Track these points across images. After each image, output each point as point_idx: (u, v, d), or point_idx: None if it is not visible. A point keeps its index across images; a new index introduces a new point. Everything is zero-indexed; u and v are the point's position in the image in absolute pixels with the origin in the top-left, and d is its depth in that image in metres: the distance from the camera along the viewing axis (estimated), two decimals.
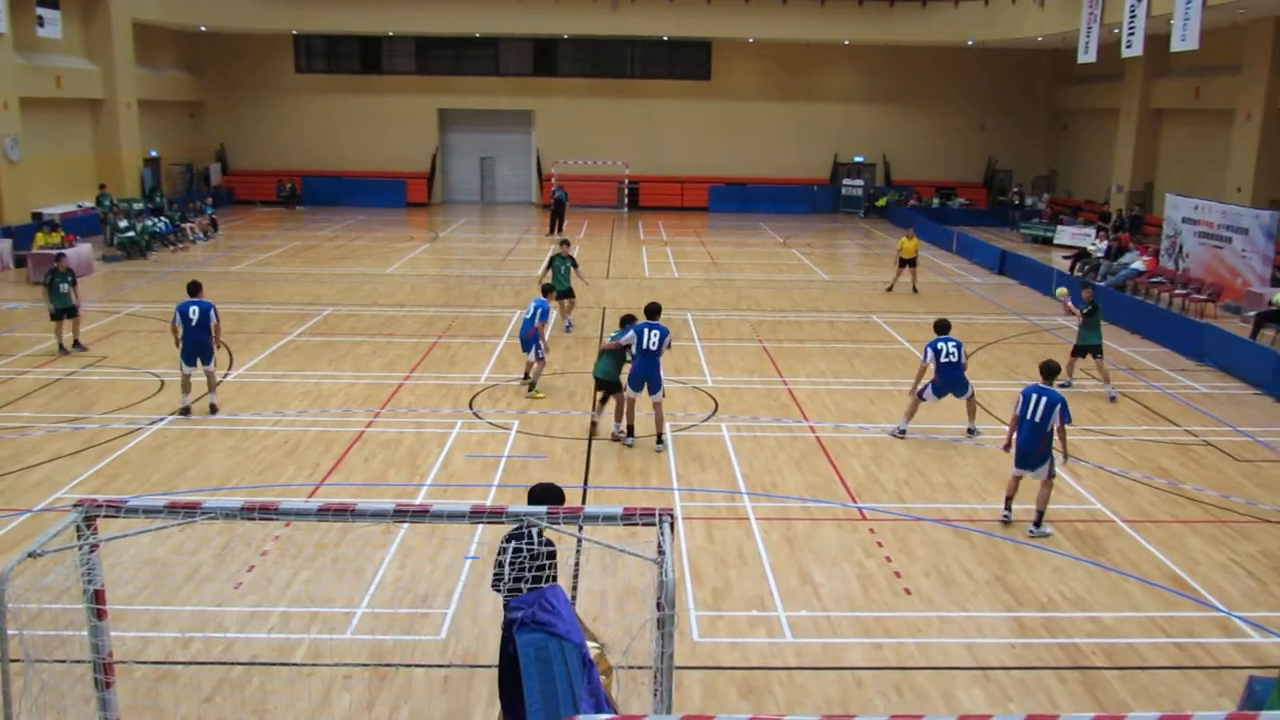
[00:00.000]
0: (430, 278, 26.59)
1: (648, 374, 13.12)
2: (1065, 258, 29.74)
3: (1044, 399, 10.79)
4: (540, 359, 15.53)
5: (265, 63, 43.68)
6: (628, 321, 13.61)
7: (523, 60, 44.31)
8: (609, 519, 5.70)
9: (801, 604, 9.27)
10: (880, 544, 10.58)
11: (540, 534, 6.35)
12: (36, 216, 29.38)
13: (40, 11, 29.88)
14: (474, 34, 41.87)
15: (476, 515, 5.85)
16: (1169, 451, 13.66)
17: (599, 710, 5.12)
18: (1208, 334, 18.91)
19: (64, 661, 6.05)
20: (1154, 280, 25.19)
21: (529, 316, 15.41)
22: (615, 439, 13.44)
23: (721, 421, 14.62)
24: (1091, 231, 32.20)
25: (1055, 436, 10.81)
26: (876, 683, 8.02)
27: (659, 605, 5.32)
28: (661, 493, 11.90)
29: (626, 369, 13.38)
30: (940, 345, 13.76)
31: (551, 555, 6.27)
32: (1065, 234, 33.97)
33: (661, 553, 5.41)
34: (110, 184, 33.62)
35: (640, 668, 6.41)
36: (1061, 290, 17.15)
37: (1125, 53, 26.69)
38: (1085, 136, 41.11)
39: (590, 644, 5.89)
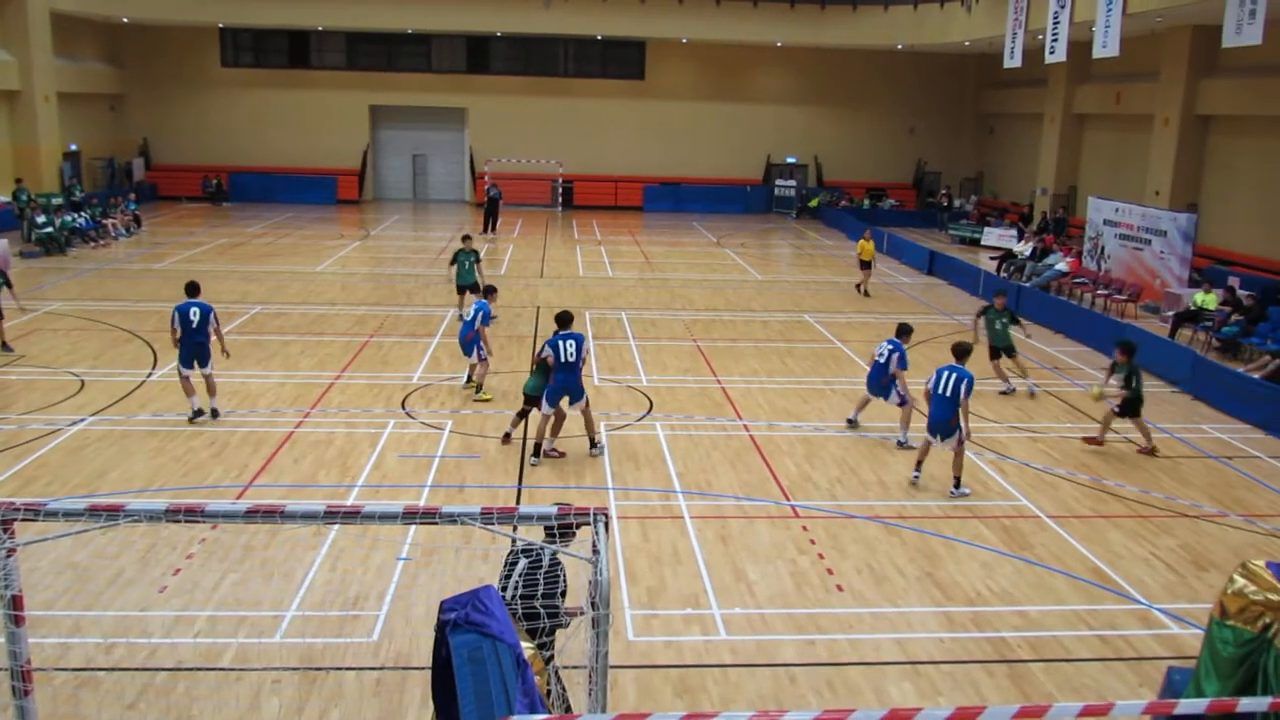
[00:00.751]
0: (362, 276, 26.27)
1: (568, 386, 12.64)
2: (992, 258, 30.33)
3: (954, 375, 12.01)
4: (483, 359, 15.34)
5: (190, 56, 42.74)
6: (563, 321, 13.14)
7: (456, 57, 43.95)
8: (543, 518, 5.68)
9: (735, 601, 9.33)
10: (813, 541, 10.69)
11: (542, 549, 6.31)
12: None
13: None
14: (406, 30, 41.41)
15: (409, 516, 5.79)
16: (1091, 448, 14.00)
17: (533, 711, 5.08)
18: (1128, 333, 19.40)
19: None
20: (1077, 281, 25.80)
21: (469, 319, 15.24)
22: (549, 455, 13.03)
23: (656, 420, 14.65)
24: (1015, 233, 32.89)
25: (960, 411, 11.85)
26: (809, 679, 8.10)
27: (594, 604, 5.32)
28: (596, 492, 11.89)
29: None
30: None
31: (548, 568, 6.33)
32: (992, 235, 34.63)
33: (596, 552, 5.41)
34: (28, 178, 32.62)
35: (575, 667, 6.40)
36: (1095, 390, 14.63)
37: (1049, 58, 27.31)
38: (1011, 140, 42.00)
39: (524, 645, 5.86)
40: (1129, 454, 13.88)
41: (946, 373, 12.11)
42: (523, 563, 6.45)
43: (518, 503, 11.45)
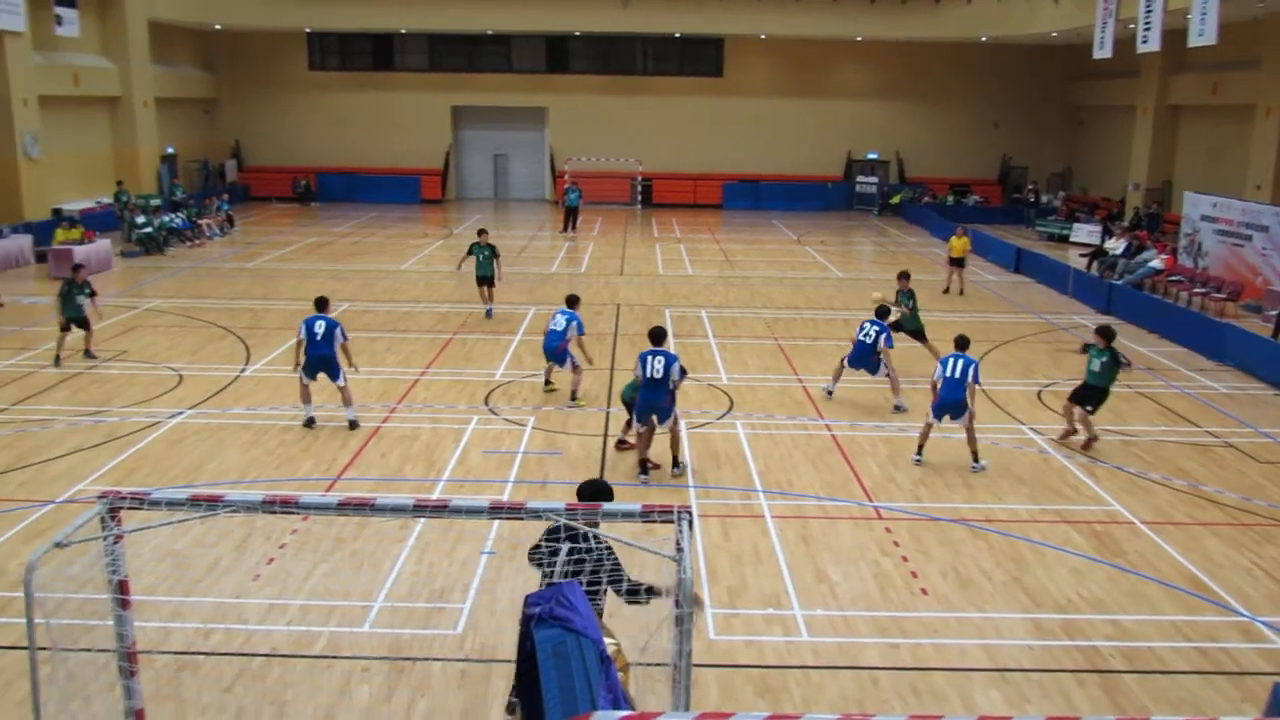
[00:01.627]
0: (445, 274, 26.63)
1: (654, 405, 12.06)
2: (1081, 256, 29.61)
3: (960, 360, 12.71)
4: (577, 369, 14.98)
5: (279, 60, 43.80)
6: (655, 338, 12.45)
7: (535, 57, 44.34)
8: (627, 516, 5.71)
9: (817, 603, 9.27)
10: (896, 543, 10.57)
11: (589, 535, 6.45)
12: (56, 213, 29.57)
13: (58, 10, 30.03)
14: (486, 31, 41.89)
15: (495, 511, 5.88)
16: (1188, 452, 13.60)
17: (616, 707, 5.11)
18: (1228, 333, 18.80)
19: (89, 650, 6.10)
20: (1172, 279, 25.07)
21: (560, 330, 14.75)
22: (622, 446, 13.02)
23: (736, 419, 14.62)
24: (1100, 229, 32.07)
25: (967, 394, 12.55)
26: (893, 683, 8.02)
27: (677, 603, 5.33)
28: (677, 490, 11.91)
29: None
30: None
31: (600, 558, 6.49)
32: (1081, 231, 33.83)
33: (680, 550, 5.42)
34: (128, 180, 33.81)
35: (657, 665, 6.42)
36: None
37: (1141, 48, 26.55)
38: (1101, 133, 40.94)
39: (607, 641, 5.90)
40: (1229, 458, 13.44)
41: (953, 360, 12.76)
42: (565, 547, 6.51)
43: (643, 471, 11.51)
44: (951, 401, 12.67)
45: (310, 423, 13.87)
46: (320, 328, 13.70)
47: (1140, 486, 12.34)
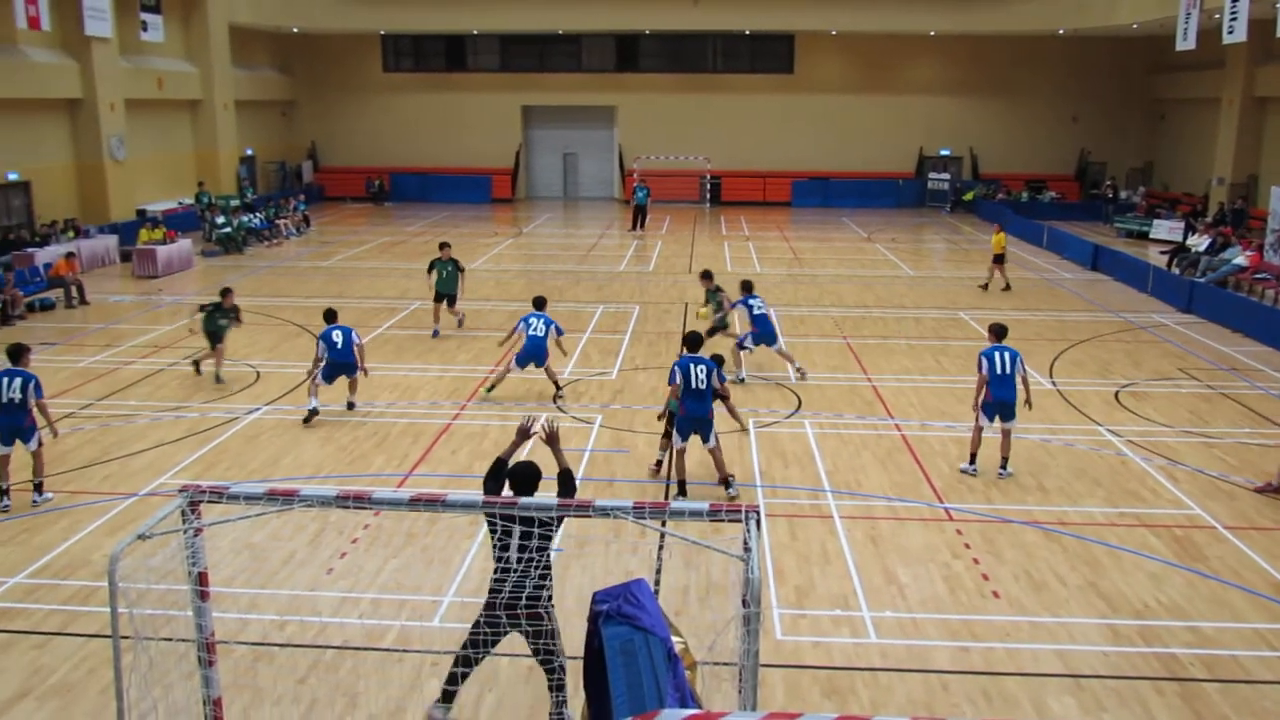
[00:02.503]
0: (514, 273, 26.87)
1: (699, 419, 11.30)
2: (1162, 253, 28.89)
3: (1007, 354, 12.07)
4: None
5: (354, 62, 44.56)
6: (693, 344, 12.06)
7: (605, 56, 44.50)
8: (695, 515, 5.71)
9: (886, 604, 9.18)
10: (967, 545, 10.42)
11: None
12: (140, 213, 30.43)
13: (143, 16, 30.92)
14: (557, 31, 42.15)
15: (563, 508, 5.93)
16: (1274, 455, 13.17)
17: (684, 705, 5.12)
18: None
19: (169, 640, 6.28)
20: (1258, 276, 24.30)
21: (541, 335, 14.78)
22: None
23: (805, 418, 14.52)
24: (1184, 226, 31.21)
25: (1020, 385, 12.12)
26: (963, 687, 7.91)
27: (744, 602, 5.32)
28: (744, 489, 11.87)
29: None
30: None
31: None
32: (1162, 228, 32.98)
33: (748, 550, 5.40)
34: (208, 181, 34.68)
35: (724, 664, 6.42)
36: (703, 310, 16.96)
37: (1227, 39, 25.81)
38: (1184, 126, 39.83)
39: (675, 639, 5.91)
40: None
41: (999, 354, 12.06)
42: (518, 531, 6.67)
43: (666, 498, 11.53)
44: (1008, 401, 12.08)
45: (313, 414, 14.06)
46: (339, 337, 14.20)
47: (1222, 490, 12.00)
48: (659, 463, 12.36)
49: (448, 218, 38.76)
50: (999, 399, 12.06)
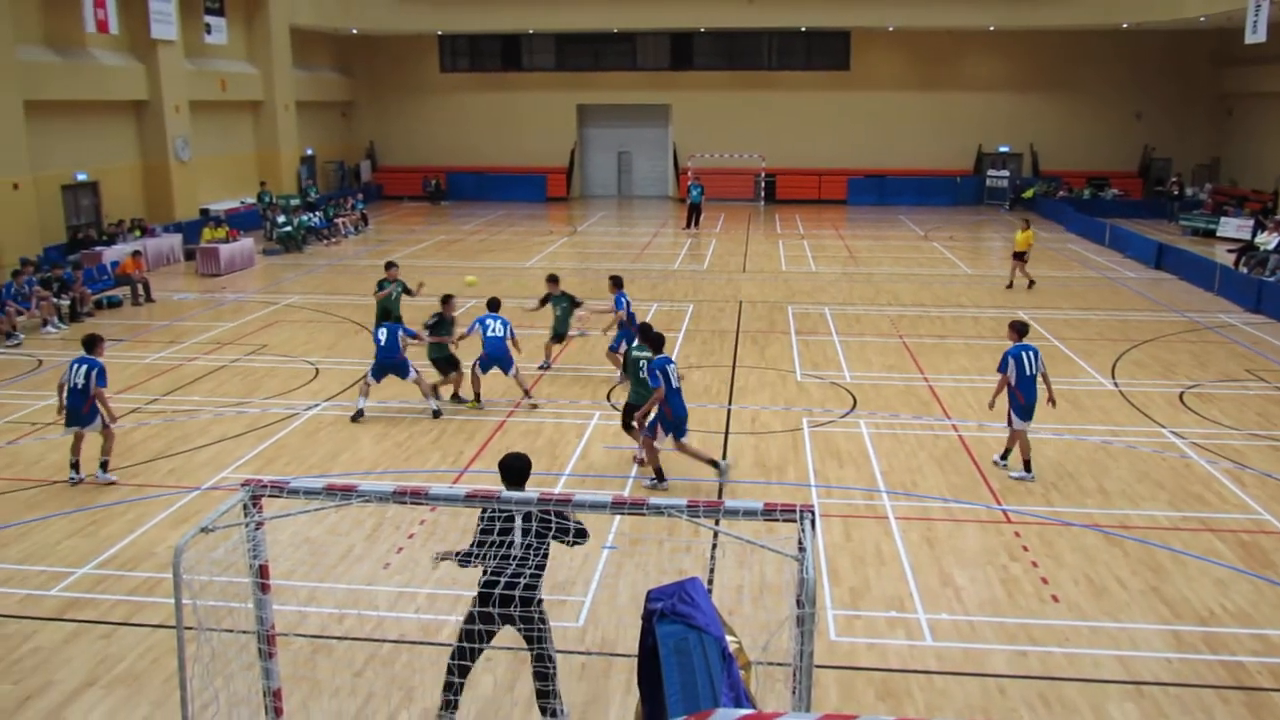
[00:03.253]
0: (569, 271, 26.96)
1: (686, 415, 11.83)
2: (1229, 251, 28.22)
3: (1031, 353, 11.96)
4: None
5: (411, 62, 45.05)
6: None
7: (660, 55, 44.52)
8: (749, 514, 5.68)
9: (942, 606, 9.08)
10: (1026, 548, 10.27)
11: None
12: (204, 213, 31.05)
13: (207, 19, 31.53)
14: (612, 30, 42.24)
15: (617, 506, 5.93)
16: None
17: (738, 705, 5.09)
18: None
19: (231, 631, 6.40)
20: None
21: (500, 335, 14.55)
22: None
23: (860, 418, 14.41)
24: (1253, 224, 30.44)
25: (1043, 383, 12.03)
26: (1021, 691, 7.80)
27: (799, 603, 5.29)
28: (799, 488, 11.82)
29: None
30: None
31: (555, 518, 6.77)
32: (1229, 226, 32.22)
33: (802, 550, 5.37)
34: (269, 181, 35.27)
35: (778, 665, 6.40)
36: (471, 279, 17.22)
37: None
38: (1253, 122, 38.86)
39: (729, 638, 5.89)
40: None
41: (1025, 353, 11.95)
42: (519, 516, 6.76)
43: (720, 497, 11.51)
44: (1035, 403, 11.97)
45: (359, 415, 14.16)
46: (384, 335, 14.32)
47: None
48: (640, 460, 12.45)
49: (504, 216, 39.03)
50: (1031, 401, 11.96)
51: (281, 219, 30.71)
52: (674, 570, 9.34)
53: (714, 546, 9.93)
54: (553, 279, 17.53)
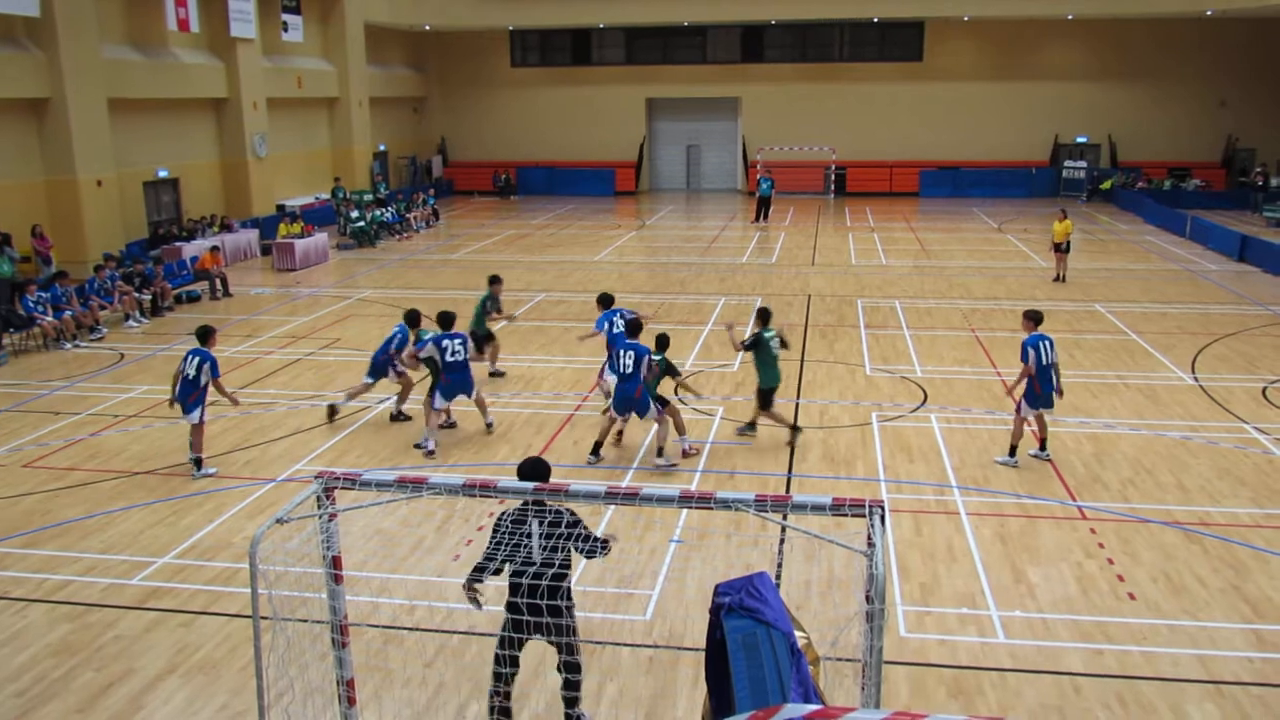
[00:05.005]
0: (637, 265, 27.01)
1: (628, 398, 12.11)
2: None
3: (1048, 342, 11.94)
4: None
5: (483, 58, 45.44)
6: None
7: (730, 48, 44.32)
8: (817, 509, 5.65)
9: (1015, 604, 8.93)
10: (1101, 545, 10.06)
11: (549, 507, 6.75)
12: (280, 208, 31.68)
13: (285, 17, 32.17)
14: (682, 23, 42.16)
15: (684, 500, 5.93)
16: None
17: (807, 700, 5.08)
18: None
19: (305, 621, 6.53)
20: None
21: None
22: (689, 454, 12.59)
23: (931, 413, 14.22)
24: None
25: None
26: (1097, 690, 7.65)
27: (868, 598, 5.25)
28: (868, 484, 11.71)
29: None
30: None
31: (572, 524, 6.72)
32: None
33: (871, 545, 5.32)
34: (344, 177, 35.88)
35: (846, 660, 6.36)
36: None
37: None
38: None
39: (798, 634, 5.87)
40: None
41: (1043, 342, 11.92)
42: (534, 520, 6.70)
43: (788, 491, 11.46)
44: (1053, 390, 11.96)
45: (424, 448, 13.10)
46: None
47: None
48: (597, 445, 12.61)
49: (572, 210, 39.22)
50: (1048, 390, 11.90)
51: (355, 214, 31.22)
52: (741, 564, 9.31)
53: (781, 541, 9.88)
54: (495, 279, 16.63)
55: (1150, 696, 7.56)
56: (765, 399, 12.83)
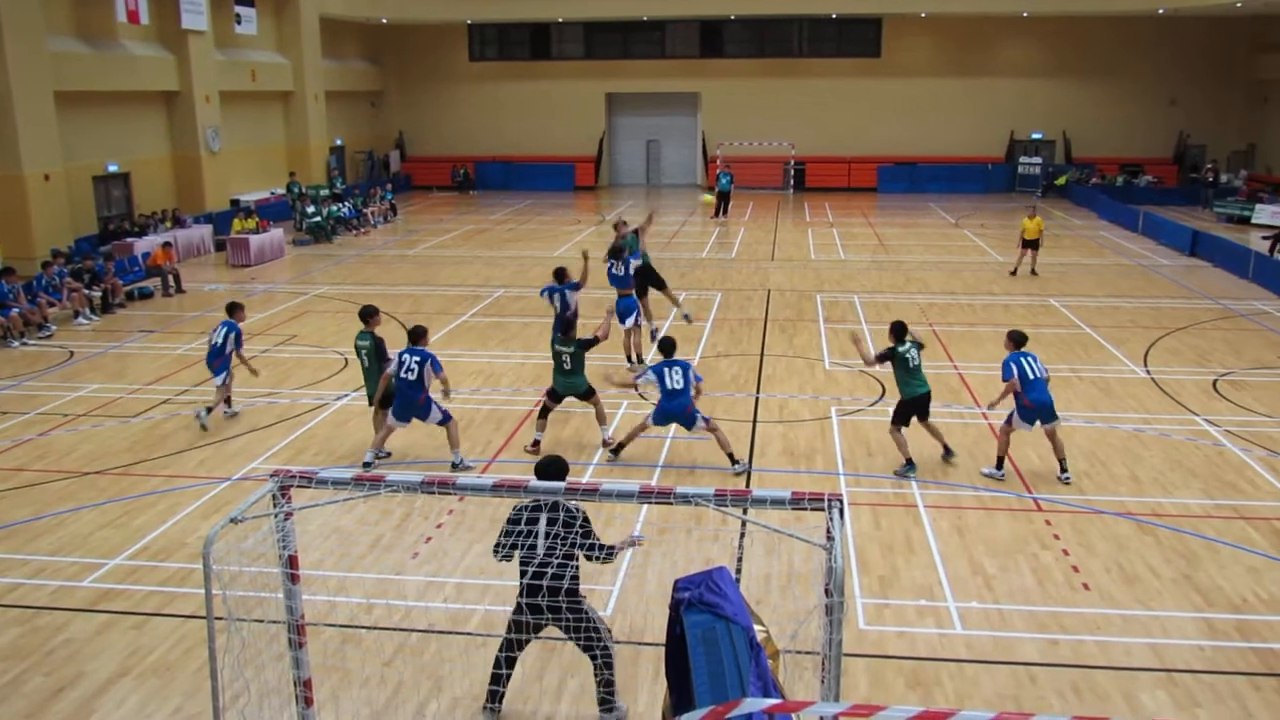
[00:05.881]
0: (597, 260, 26.90)
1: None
2: (1264, 238, 27.78)
3: (1030, 359, 11.65)
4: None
5: (440, 52, 45.12)
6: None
7: (690, 43, 44.34)
8: (777, 503, 5.66)
9: (972, 595, 9.02)
10: (1057, 536, 10.19)
11: (561, 505, 6.86)
12: (234, 203, 31.28)
13: (238, 9, 31.74)
14: (642, 18, 42.13)
15: (644, 496, 5.92)
16: None
17: (766, 694, 5.10)
18: None
19: (261, 621, 6.44)
20: None
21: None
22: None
23: (889, 406, 14.28)
24: None
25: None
26: (1052, 680, 7.74)
27: (827, 591, 5.27)
28: (827, 477, 11.77)
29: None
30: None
31: (583, 521, 6.87)
32: (1265, 213, 31.74)
33: (831, 538, 5.35)
34: (299, 172, 35.47)
35: (806, 653, 6.38)
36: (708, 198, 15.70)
37: None
38: None
39: (757, 628, 5.88)
40: None
41: (1025, 359, 11.64)
42: (545, 518, 6.81)
43: (748, 485, 11.49)
44: (1046, 403, 11.44)
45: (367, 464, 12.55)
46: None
47: None
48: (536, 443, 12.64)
49: (532, 205, 39.08)
50: (1038, 403, 11.45)
51: (311, 209, 30.89)
52: (701, 559, 9.32)
53: (742, 535, 9.90)
54: (619, 224, 17.65)
55: (1104, 685, 7.66)
56: (905, 411, 12.05)
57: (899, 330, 12.07)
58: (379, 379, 12.35)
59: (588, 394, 12.73)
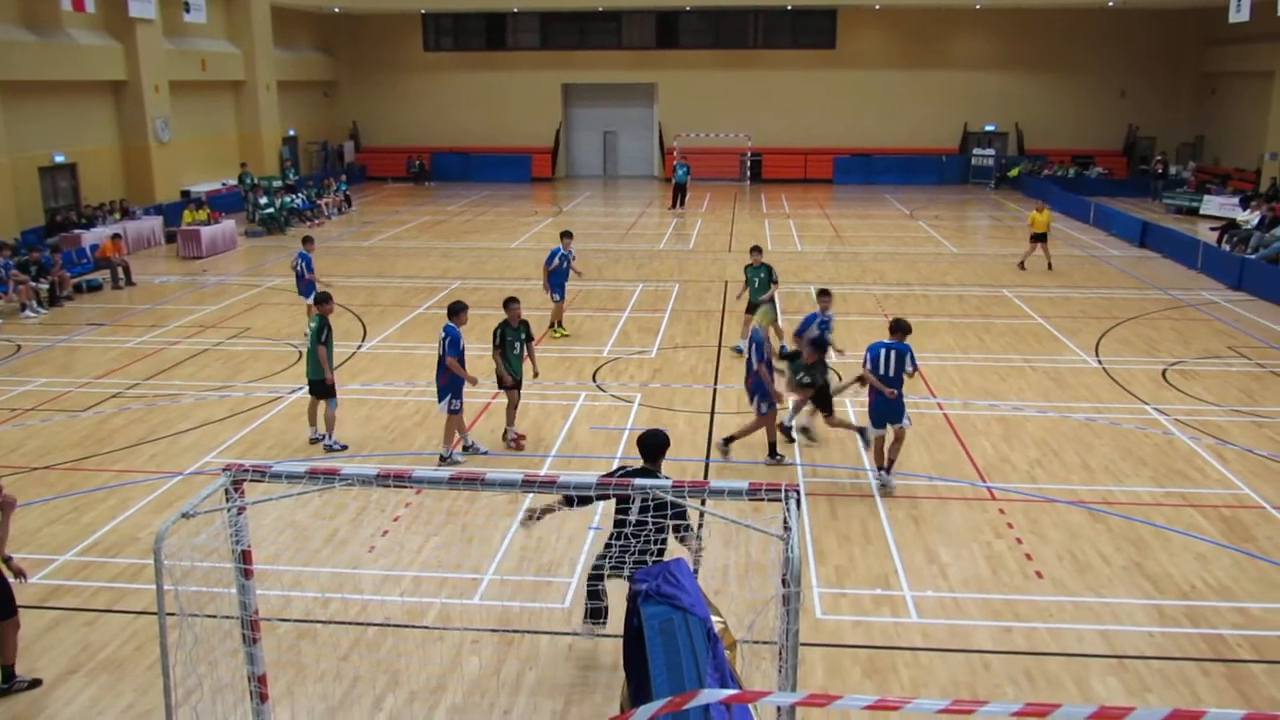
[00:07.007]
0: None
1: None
2: (1212, 229, 28.31)
3: (893, 352, 10.98)
4: None
5: (395, 42, 44.66)
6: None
7: (645, 33, 44.27)
8: (734, 494, 5.67)
9: (928, 584, 9.11)
10: (1010, 525, 10.31)
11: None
12: (185, 194, 30.78)
13: None
14: (597, 8, 41.99)
15: (602, 487, 5.92)
16: None
17: (723, 685, 5.11)
18: None
19: (214, 617, 6.36)
20: None
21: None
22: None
23: (845, 397, 14.41)
24: (1237, 201, 30.52)
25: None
26: (1006, 667, 7.84)
27: (784, 581, 5.29)
28: (784, 468, 11.82)
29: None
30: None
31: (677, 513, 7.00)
32: (1213, 204, 32.30)
33: (787, 529, 5.37)
34: (251, 163, 34.97)
35: (764, 643, 6.40)
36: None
37: None
38: (1236, 101, 38.91)
39: (714, 619, 5.90)
40: None
41: (884, 350, 11.01)
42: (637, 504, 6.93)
43: (706, 477, 11.52)
44: (894, 404, 11.01)
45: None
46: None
47: (1272, 470, 11.77)
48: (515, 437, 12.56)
49: (488, 196, 38.85)
50: (880, 404, 11.06)
51: (264, 200, 30.48)
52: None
53: (700, 526, 9.92)
54: (755, 250, 17.79)
55: (1056, 672, 7.77)
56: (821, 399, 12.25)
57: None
58: (317, 362, 12.26)
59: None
